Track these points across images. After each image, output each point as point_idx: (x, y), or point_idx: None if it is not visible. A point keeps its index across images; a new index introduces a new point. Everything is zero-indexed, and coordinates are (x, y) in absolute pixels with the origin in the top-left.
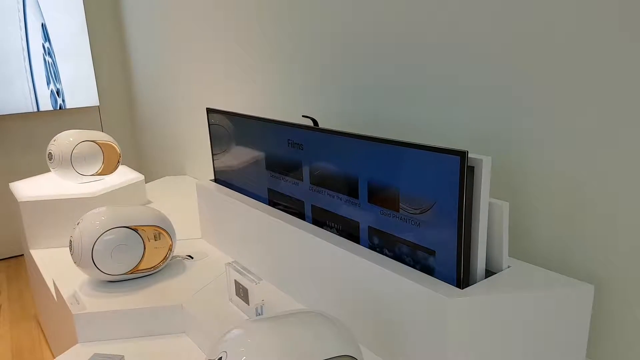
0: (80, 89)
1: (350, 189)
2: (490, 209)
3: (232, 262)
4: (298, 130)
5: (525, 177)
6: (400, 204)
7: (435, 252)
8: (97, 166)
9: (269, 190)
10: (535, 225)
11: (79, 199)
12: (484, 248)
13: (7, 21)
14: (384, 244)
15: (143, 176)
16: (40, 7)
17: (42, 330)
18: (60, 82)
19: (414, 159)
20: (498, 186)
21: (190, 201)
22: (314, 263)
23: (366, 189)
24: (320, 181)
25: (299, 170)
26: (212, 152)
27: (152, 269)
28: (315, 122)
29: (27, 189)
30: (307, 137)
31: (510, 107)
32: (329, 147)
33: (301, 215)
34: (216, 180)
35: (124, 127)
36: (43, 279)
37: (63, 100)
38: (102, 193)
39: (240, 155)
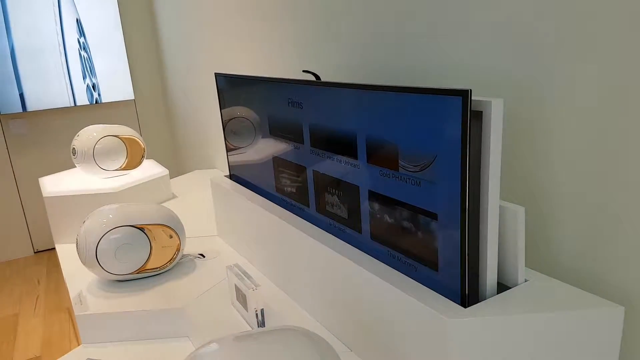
0: (116, 83)
1: (349, 149)
2: (502, 214)
3: (234, 265)
4: (296, 88)
5: (547, 169)
6: (399, 161)
7: (437, 215)
8: (121, 161)
9: (274, 159)
10: (558, 230)
11: (101, 194)
12: (495, 245)
13: (42, 17)
14: (384, 210)
15: (167, 171)
16: (74, 3)
17: (73, 323)
18: (95, 77)
19: (410, 105)
20: (514, 181)
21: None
22: (315, 267)
23: (364, 147)
24: (320, 143)
25: (299, 132)
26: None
27: (160, 268)
28: (317, 77)
29: (53, 183)
30: (305, 94)
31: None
32: (326, 103)
33: (304, 184)
34: (231, 177)
35: (160, 120)
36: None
37: (99, 95)
38: (123, 188)
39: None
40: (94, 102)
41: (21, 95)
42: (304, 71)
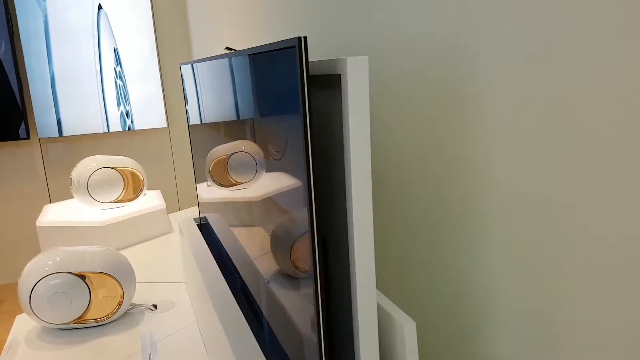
0: (149, 110)
1: (241, 134)
2: (388, 326)
3: (148, 334)
4: (206, 66)
5: (473, 248)
6: (269, 147)
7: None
8: (116, 193)
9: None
10: (486, 337)
11: (86, 227)
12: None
13: (83, 46)
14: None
15: (164, 205)
16: (113, 33)
17: None
18: (129, 104)
19: (259, 72)
20: (427, 262)
21: None
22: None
23: (250, 130)
24: (213, 128)
25: (204, 118)
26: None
27: (100, 319)
28: None
29: (53, 212)
30: (202, 74)
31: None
32: (210, 82)
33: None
34: (200, 217)
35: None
36: None
37: (132, 122)
38: (111, 222)
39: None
40: (127, 129)
41: (58, 121)
42: (225, 49)
